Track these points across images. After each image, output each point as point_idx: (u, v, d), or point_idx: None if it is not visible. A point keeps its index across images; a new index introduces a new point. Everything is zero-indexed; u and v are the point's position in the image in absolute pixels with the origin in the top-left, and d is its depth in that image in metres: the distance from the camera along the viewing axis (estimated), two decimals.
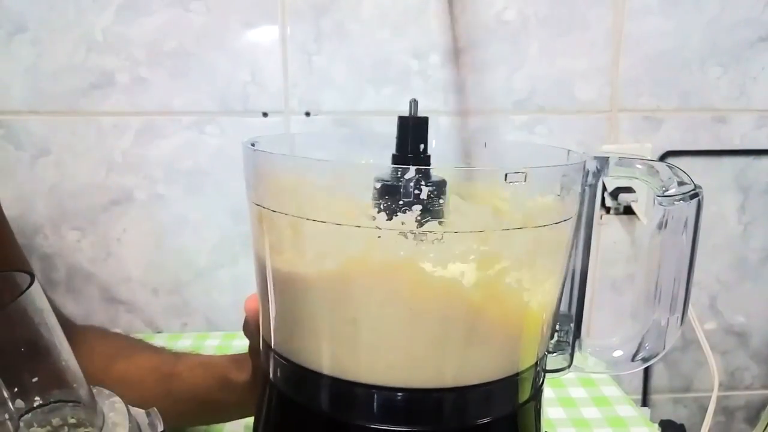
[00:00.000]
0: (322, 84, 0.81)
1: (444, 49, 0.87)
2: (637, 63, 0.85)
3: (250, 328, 0.39)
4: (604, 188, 0.89)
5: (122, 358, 0.53)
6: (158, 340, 0.67)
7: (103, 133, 0.82)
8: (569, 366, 0.37)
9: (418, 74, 0.82)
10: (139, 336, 0.64)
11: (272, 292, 0.33)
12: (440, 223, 0.28)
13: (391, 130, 0.34)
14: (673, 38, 0.85)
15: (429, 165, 0.34)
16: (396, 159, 0.34)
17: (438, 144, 0.38)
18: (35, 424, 0.28)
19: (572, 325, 0.36)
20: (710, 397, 0.70)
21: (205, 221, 0.84)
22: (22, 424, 0.27)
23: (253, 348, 0.43)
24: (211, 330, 0.88)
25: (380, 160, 0.34)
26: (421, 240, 0.28)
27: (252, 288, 0.36)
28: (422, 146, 0.34)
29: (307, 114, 0.80)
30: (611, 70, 0.85)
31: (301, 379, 0.32)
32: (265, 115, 0.80)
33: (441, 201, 0.28)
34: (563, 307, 0.36)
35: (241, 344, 0.44)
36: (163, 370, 0.52)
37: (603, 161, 0.33)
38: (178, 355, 0.55)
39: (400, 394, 0.29)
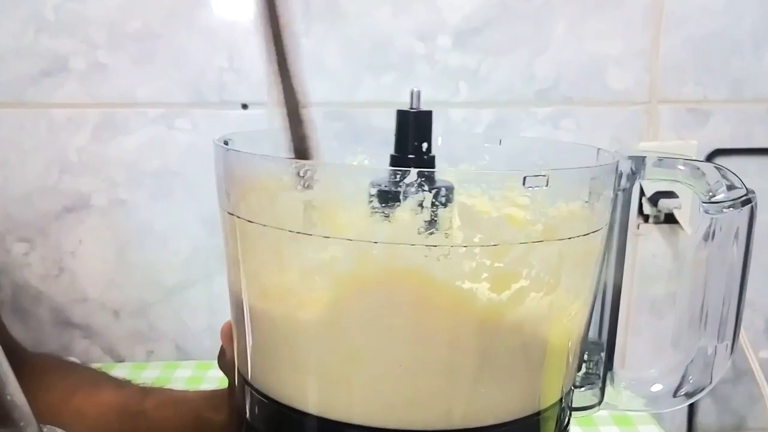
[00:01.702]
0: (311, 71, 0.80)
1: (454, 29, 0.88)
2: (681, 46, 0.85)
3: (227, 360, 0.39)
4: (642, 193, 0.88)
5: (80, 393, 0.53)
6: (120, 371, 0.66)
7: (55, 128, 0.81)
8: (600, 403, 0.36)
9: (424, 59, 0.82)
10: (96, 366, 0.64)
11: (249, 317, 0.33)
12: (447, 235, 0.28)
13: (392, 124, 0.34)
14: (723, 17, 0.85)
15: (433, 167, 0.34)
16: (395, 160, 0.34)
17: (445, 142, 0.38)
18: None
19: (603, 354, 0.36)
20: None
21: (174, 231, 0.84)
22: None
23: (232, 383, 0.42)
24: (182, 359, 0.87)
25: (378, 161, 0.34)
26: (425, 256, 0.28)
27: (228, 310, 0.36)
28: (425, 145, 0.34)
29: None
30: (650, 55, 0.84)
31: (283, 419, 0.31)
32: (244, 107, 0.80)
33: (448, 209, 0.28)
34: (592, 334, 0.35)
35: (216, 376, 0.43)
36: (128, 407, 0.52)
37: (639, 162, 0.33)
38: (145, 390, 0.55)
39: None
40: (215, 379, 0.46)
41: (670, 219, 0.89)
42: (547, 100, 0.82)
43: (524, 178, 0.28)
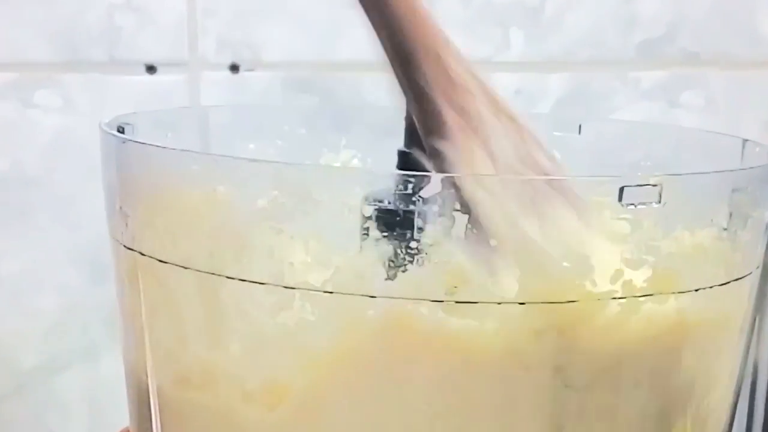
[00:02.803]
0: (261, 11, 0.78)
1: None
2: None
3: None
4: None
5: None
6: None
7: None
8: None
9: None
10: None
11: (158, 415, 0.32)
12: (490, 285, 0.26)
13: (397, 101, 0.33)
14: None
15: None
16: (404, 159, 0.33)
17: None
18: None
19: None
20: None
21: (33, 278, 0.79)
22: None
23: None
24: None
25: (375, 160, 0.34)
26: (453, 317, 0.26)
27: (124, 405, 0.35)
28: None
29: (234, 68, 0.79)
30: None
31: None
32: (151, 69, 0.78)
33: (491, 242, 0.26)
34: None
35: None
36: None
37: None
38: None
39: None
40: None
41: None
42: (657, 59, 0.79)
43: (621, 188, 0.26)
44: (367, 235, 0.28)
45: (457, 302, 0.27)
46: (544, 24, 0.71)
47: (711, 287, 0.29)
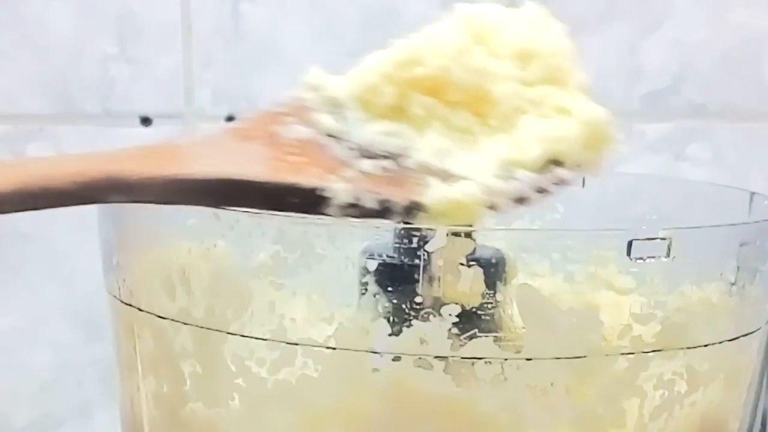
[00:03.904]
0: (257, 61, 0.78)
1: None
2: None
3: None
4: None
5: None
6: None
7: None
8: None
9: None
10: None
11: None
12: (498, 341, 0.26)
13: None
14: None
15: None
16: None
17: None
18: None
19: None
20: None
21: (26, 335, 0.79)
22: None
23: None
24: None
25: None
26: (462, 374, 0.26)
27: None
28: None
29: (231, 119, 0.77)
30: None
31: None
32: (146, 121, 0.77)
33: (499, 296, 0.27)
34: None
35: None
36: None
37: None
38: None
39: None
40: None
41: None
42: (663, 111, 0.78)
43: (629, 242, 0.26)
44: (367, 290, 0.28)
45: (463, 358, 0.26)
46: None
47: (719, 343, 0.29)
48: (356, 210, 0.27)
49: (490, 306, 0.27)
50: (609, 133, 0.30)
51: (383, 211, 0.27)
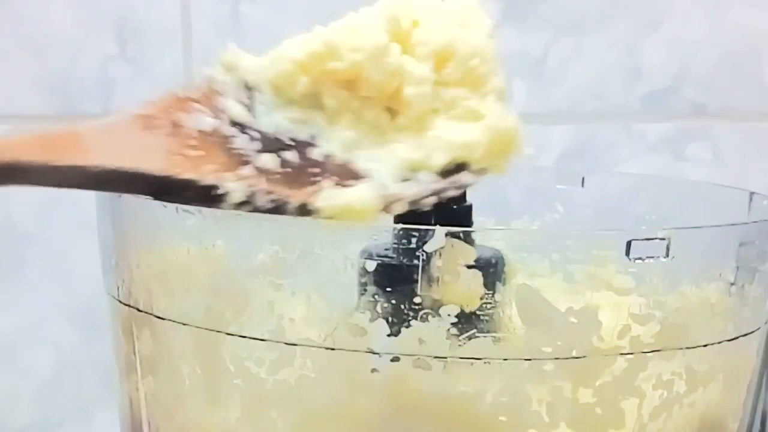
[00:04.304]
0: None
1: None
2: None
3: None
4: None
5: None
6: None
7: None
8: None
9: None
10: None
11: None
12: (497, 341, 0.27)
13: None
14: None
15: (470, 223, 0.32)
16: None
17: (490, 182, 0.35)
18: None
19: None
20: None
21: (25, 334, 0.79)
22: None
23: None
24: None
25: None
26: (460, 375, 0.26)
27: None
28: None
29: None
30: None
31: None
32: None
33: (498, 297, 0.27)
34: None
35: None
36: None
37: None
38: None
39: None
40: None
41: None
42: (663, 111, 0.78)
43: (628, 243, 0.26)
44: (365, 290, 0.28)
45: (461, 358, 0.26)
46: (547, 75, 0.69)
47: (719, 343, 0.29)
48: (249, 206, 0.28)
49: (489, 306, 0.27)
50: (516, 139, 0.30)
51: (276, 210, 0.28)
